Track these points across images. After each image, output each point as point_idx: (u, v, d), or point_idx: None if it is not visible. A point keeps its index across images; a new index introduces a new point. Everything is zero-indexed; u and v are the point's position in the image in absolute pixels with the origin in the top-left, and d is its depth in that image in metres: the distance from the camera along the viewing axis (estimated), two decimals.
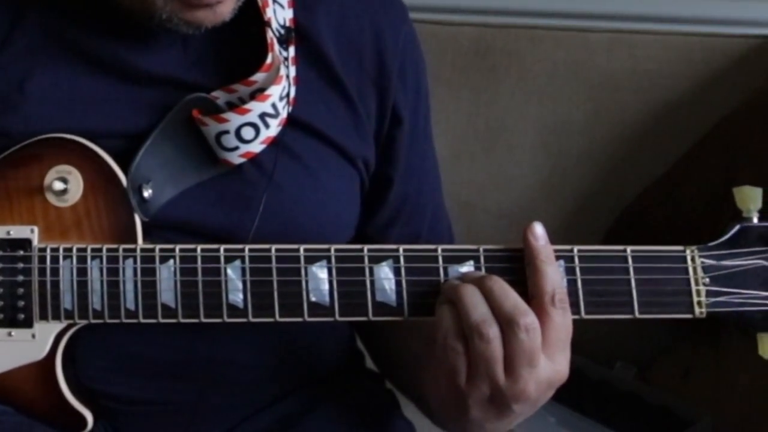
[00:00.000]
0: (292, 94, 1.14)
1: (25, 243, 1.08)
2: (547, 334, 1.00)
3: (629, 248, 1.05)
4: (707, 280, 1.05)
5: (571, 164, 2.37)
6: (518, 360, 0.99)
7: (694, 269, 1.05)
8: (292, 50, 1.15)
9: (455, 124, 2.40)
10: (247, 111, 1.09)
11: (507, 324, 0.98)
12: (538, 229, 1.03)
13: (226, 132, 1.10)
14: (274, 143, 1.13)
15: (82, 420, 1.12)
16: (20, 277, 1.07)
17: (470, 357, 0.99)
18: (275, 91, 1.10)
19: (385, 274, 1.05)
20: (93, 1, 1.11)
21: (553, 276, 1.02)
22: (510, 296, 1.00)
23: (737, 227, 1.07)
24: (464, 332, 0.99)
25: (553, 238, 1.04)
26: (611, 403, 2.17)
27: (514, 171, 2.41)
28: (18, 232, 1.08)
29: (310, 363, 1.27)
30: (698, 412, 2.10)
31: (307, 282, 1.05)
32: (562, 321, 1.01)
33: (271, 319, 1.05)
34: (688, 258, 1.05)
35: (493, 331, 0.98)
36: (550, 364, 1.00)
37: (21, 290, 1.08)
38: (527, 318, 0.98)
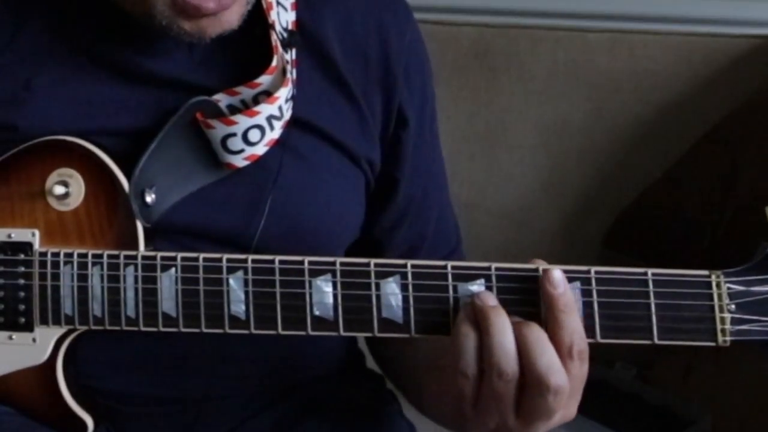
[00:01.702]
0: (294, 96, 1.14)
1: (26, 246, 1.07)
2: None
3: (650, 271, 0.99)
4: (733, 306, 0.98)
5: (571, 164, 2.37)
6: (537, 414, 0.96)
7: (719, 295, 0.98)
8: (293, 53, 1.15)
9: (455, 124, 2.40)
10: (256, 113, 1.09)
11: (536, 382, 0.94)
12: (557, 276, 0.97)
13: (233, 134, 1.09)
14: (278, 144, 1.13)
15: (83, 424, 1.12)
16: (21, 281, 1.07)
17: (481, 390, 0.97)
18: (283, 94, 1.10)
19: (391, 289, 1.01)
20: (98, 3, 1.11)
21: (572, 326, 0.96)
22: (547, 352, 0.94)
23: None
24: (481, 362, 0.96)
25: (554, 239, 1.03)
26: (611, 403, 2.17)
27: (514, 171, 2.41)
28: (19, 235, 1.08)
29: (311, 360, 1.27)
30: (698, 412, 2.11)
31: (311, 295, 1.02)
32: (579, 372, 0.96)
33: (273, 332, 1.03)
34: (713, 284, 0.99)
35: (513, 372, 0.94)
36: (563, 411, 0.97)
37: (22, 294, 1.07)
38: (560, 379, 0.94)
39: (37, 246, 1.07)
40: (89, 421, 1.12)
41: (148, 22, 1.07)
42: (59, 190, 1.06)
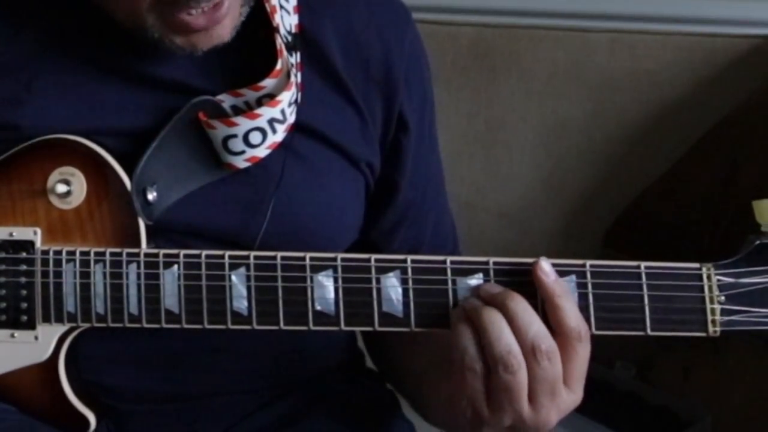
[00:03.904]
0: (298, 99, 1.14)
1: (28, 245, 1.08)
2: (572, 367, 0.99)
3: (643, 264, 1.02)
4: (723, 298, 1.02)
5: (571, 164, 2.37)
6: (540, 388, 0.98)
7: (710, 287, 1.02)
8: (297, 56, 1.15)
9: (455, 124, 2.40)
10: (258, 116, 1.09)
11: (530, 351, 0.97)
12: (546, 266, 1.01)
13: (234, 136, 1.09)
14: (280, 147, 1.13)
15: (85, 421, 1.12)
16: (23, 279, 1.07)
17: (491, 385, 0.99)
18: (285, 97, 1.11)
19: (391, 284, 1.03)
20: (94, 7, 1.11)
21: (574, 310, 1.00)
22: (535, 322, 0.98)
23: (756, 243, 1.03)
24: (484, 356, 0.98)
25: (554, 238, 1.04)
26: (611, 403, 2.17)
27: (514, 171, 2.41)
28: (21, 233, 1.08)
29: (312, 357, 1.27)
30: (698, 412, 2.11)
31: (312, 290, 1.03)
32: (585, 353, 1.00)
33: (275, 327, 1.04)
34: (704, 276, 1.02)
35: (518, 362, 0.97)
36: (570, 394, 1.00)
37: (24, 292, 1.07)
38: (550, 344, 0.98)
39: (38, 244, 1.08)
40: (92, 419, 1.12)
41: (141, 34, 1.07)
42: (61, 188, 1.07)
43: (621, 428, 2.12)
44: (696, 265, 1.03)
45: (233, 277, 1.04)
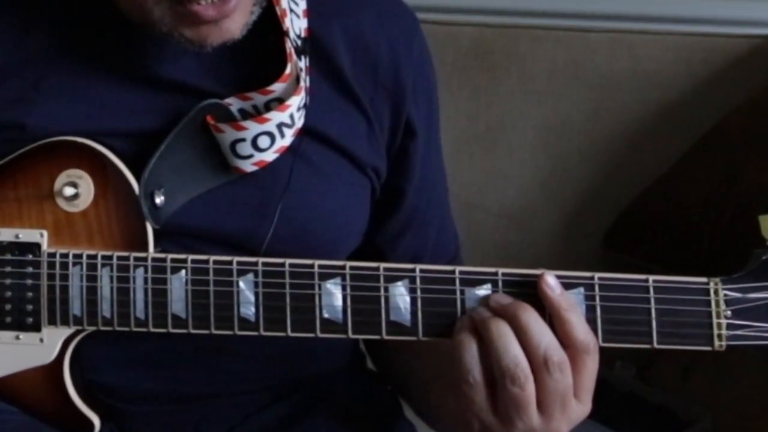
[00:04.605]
0: (307, 104, 1.14)
1: (34, 247, 1.07)
2: (581, 379, 1.00)
3: (651, 278, 1.03)
4: (729, 312, 1.02)
5: (571, 164, 2.37)
6: (552, 400, 0.98)
7: (717, 302, 1.02)
8: (306, 60, 1.15)
9: (455, 124, 2.39)
10: (267, 120, 1.09)
11: (542, 363, 0.98)
12: (551, 280, 1.01)
13: (243, 140, 1.09)
14: (287, 151, 1.13)
15: (89, 423, 1.12)
16: (29, 281, 1.07)
17: (499, 398, 0.99)
18: (295, 102, 1.10)
19: (400, 293, 1.03)
20: (106, 8, 1.11)
21: (582, 323, 1.01)
22: (546, 333, 0.99)
23: (763, 258, 1.04)
24: (490, 368, 0.99)
25: (554, 239, 1.04)
26: (611, 403, 2.17)
27: (514, 171, 2.41)
28: (27, 235, 1.08)
29: (314, 358, 1.28)
30: (698, 412, 2.11)
31: (320, 297, 1.04)
32: (594, 365, 1.01)
33: (282, 334, 1.04)
34: (711, 290, 1.03)
35: (525, 375, 0.97)
36: (580, 405, 1.01)
37: (30, 294, 1.07)
38: (561, 355, 0.98)
39: (45, 247, 1.07)
40: (96, 421, 1.13)
41: (149, 30, 1.07)
42: (69, 191, 1.07)
43: (621, 428, 2.12)
44: (703, 279, 1.03)
45: (241, 283, 1.04)
